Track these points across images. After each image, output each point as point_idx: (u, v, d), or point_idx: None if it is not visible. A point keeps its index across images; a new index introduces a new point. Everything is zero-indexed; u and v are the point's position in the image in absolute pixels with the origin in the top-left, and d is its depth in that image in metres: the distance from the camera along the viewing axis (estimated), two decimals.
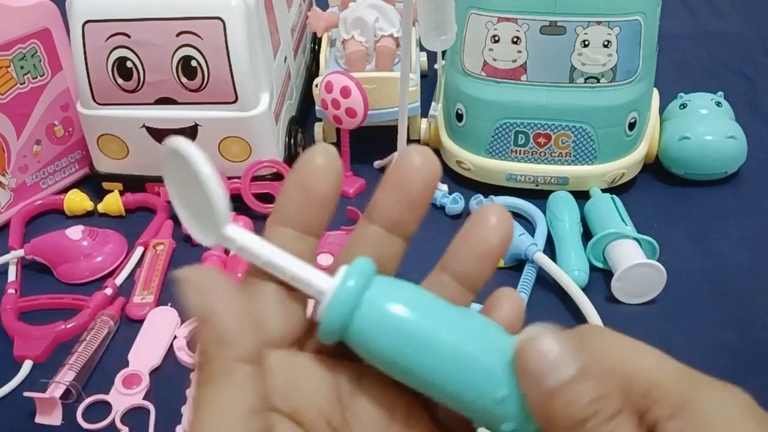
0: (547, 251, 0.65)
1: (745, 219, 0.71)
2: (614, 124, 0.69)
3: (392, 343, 0.22)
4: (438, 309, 0.23)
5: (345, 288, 0.22)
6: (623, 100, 0.68)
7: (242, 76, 0.66)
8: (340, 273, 0.23)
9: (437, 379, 0.22)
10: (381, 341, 0.22)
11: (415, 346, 0.22)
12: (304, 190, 0.24)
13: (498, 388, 0.22)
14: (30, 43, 0.69)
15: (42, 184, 0.75)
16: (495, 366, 0.22)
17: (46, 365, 0.58)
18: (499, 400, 0.22)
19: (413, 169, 0.24)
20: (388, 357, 0.22)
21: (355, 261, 0.23)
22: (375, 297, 0.23)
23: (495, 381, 0.22)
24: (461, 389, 0.22)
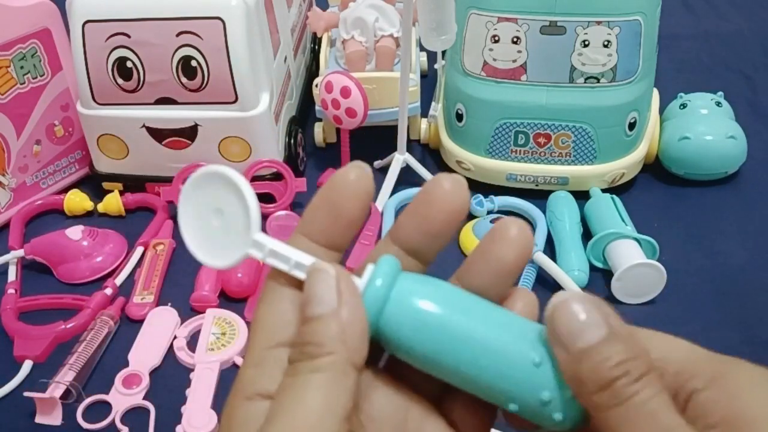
0: (547, 251, 0.65)
1: (745, 219, 0.71)
2: (614, 124, 0.69)
3: (421, 337, 0.23)
4: (464, 300, 0.24)
5: (373, 287, 0.23)
6: (623, 100, 0.68)
7: (242, 76, 0.66)
8: (368, 272, 0.23)
9: (471, 367, 0.23)
10: (411, 336, 0.23)
11: (444, 337, 0.23)
12: (333, 209, 0.24)
13: (533, 354, 0.22)
14: (30, 43, 0.69)
15: (42, 184, 0.75)
16: (527, 342, 0.23)
17: (46, 365, 0.58)
18: (536, 364, 0.22)
19: (438, 200, 0.24)
20: (418, 350, 0.23)
21: (381, 260, 0.24)
22: (401, 294, 0.23)
23: (528, 350, 0.23)
24: (497, 371, 0.23)
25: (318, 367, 0.21)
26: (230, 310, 0.61)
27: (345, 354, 0.22)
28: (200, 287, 0.62)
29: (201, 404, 0.53)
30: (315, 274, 0.23)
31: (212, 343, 0.58)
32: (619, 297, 0.62)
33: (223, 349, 0.58)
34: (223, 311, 0.61)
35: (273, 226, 0.70)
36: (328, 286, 0.22)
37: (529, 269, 0.63)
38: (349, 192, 0.24)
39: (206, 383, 0.55)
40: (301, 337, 0.22)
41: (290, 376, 0.22)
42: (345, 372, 0.22)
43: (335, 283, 0.22)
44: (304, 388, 0.21)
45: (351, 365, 0.22)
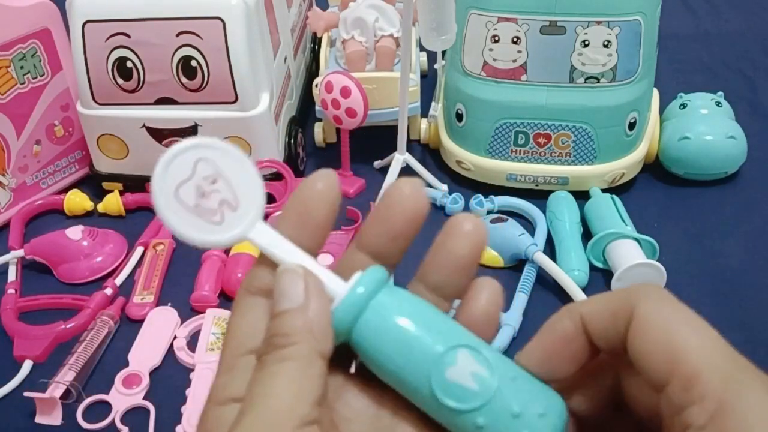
0: (547, 251, 0.65)
1: (745, 219, 0.71)
2: (614, 124, 0.69)
3: (386, 351, 0.23)
4: (436, 324, 0.24)
5: (354, 294, 0.24)
6: (623, 100, 0.68)
7: (242, 76, 0.66)
8: (353, 279, 0.24)
9: (426, 390, 0.23)
10: (377, 348, 0.24)
11: (406, 356, 0.23)
12: (301, 214, 0.25)
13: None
14: (30, 43, 0.69)
15: (42, 184, 0.75)
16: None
17: (46, 365, 0.58)
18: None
19: (398, 204, 0.25)
20: (382, 363, 0.24)
21: (369, 269, 0.24)
22: (380, 304, 0.24)
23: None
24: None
25: (285, 356, 0.22)
26: (230, 310, 0.61)
27: (312, 343, 0.23)
28: (200, 287, 0.62)
29: (201, 404, 0.53)
30: (283, 273, 0.24)
31: (212, 343, 0.58)
32: None
33: None
34: (223, 311, 0.61)
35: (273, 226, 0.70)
36: (296, 283, 0.24)
37: (529, 269, 0.63)
38: (315, 196, 0.25)
39: (206, 383, 0.55)
40: (270, 331, 0.23)
41: (259, 369, 0.23)
42: (312, 360, 0.23)
43: (303, 281, 0.24)
44: (274, 377, 0.22)
45: (318, 354, 0.23)
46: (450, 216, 0.26)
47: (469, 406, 0.23)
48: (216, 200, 0.24)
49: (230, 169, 0.24)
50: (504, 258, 0.65)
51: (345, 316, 0.24)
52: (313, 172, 0.25)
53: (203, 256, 0.65)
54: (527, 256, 0.63)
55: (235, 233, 0.24)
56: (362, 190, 0.75)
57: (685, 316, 0.22)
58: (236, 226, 0.24)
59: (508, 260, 0.65)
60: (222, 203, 0.24)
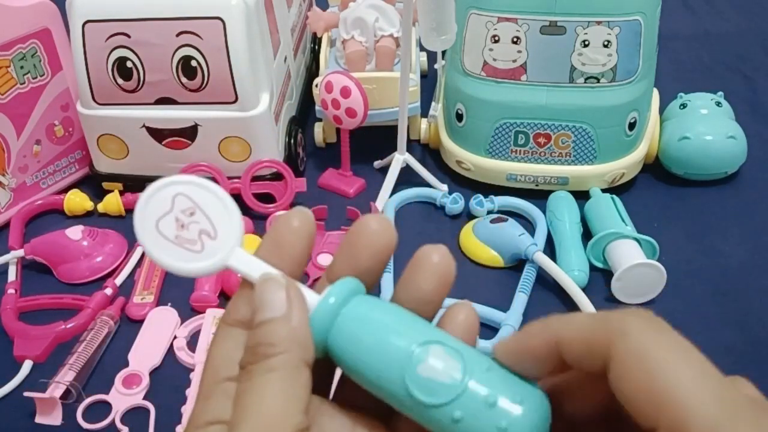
0: (547, 251, 0.65)
1: (745, 219, 0.71)
2: (614, 124, 0.69)
3: (361, 357, 0.24)
4: (409, 328, 0.24)
5: (325, 303, 0.24)
6: (623, 100, 0.68)
7: (242, 76, 0.66)
8: (325, 290, 0.25)
9: (402, 392, 0.24)
10: (352, 355, 0.24)
11: (380, 361, 0.24)
12: (279, 249, 0.25)
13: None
14: (30, 43, 0.69)
15: (42, 184, 0.75)
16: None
17: (46, 365, 0.58)
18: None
19: (366, 239, 0.26)
20: (358, 369, 0.24)
21: (340, 280, 0.25)
22: (351, 311, 0.24)
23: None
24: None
25: (273, 366, 0.23)
26: None
27: (298, 351, 0.23)
28: (200, 287, 0.62)
29: None
30: (265, 283, 0.24)
31: None
32: (619, 297, 0.62)
33: None
34: (223, 311, 0.61)
35: None
36: (278, 293, 0.24)
37: (529, 269, 0.63)
38: (291, 232, 0.26)
39: None
40: (254, 340, 0.24)
41: (246, 380, 0.23)
42: (299, 369, 0.23)
43: (284, 290, 0.24)
44: (263, 387, 0.22)
45: (303, 362, 0.23)
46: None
47: (443, 399, 0.23)
48: (195, 231, 0.25)
49: (206, 201, 0.26)
50: (504, 258, 0.65)
51: (318, 325, 0.24)
52: (313, 171, 0.26)
53: None
54: (527, 256, 0.63)
55: (216, 260, 0.25)
56: (362, 190, 0.75)
57: (669, 347, 0.21)
58: (216, 253, 0.25)
59: (508, 260, 0.65)
60: (201, 233, 0.25)
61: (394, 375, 0.23)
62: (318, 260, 0.66)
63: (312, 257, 0.67)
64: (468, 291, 0.62)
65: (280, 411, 0.22)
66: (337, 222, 0.71)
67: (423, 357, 0.23)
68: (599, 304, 0.60)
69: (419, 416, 0.24)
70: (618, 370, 0.21)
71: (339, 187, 0.75)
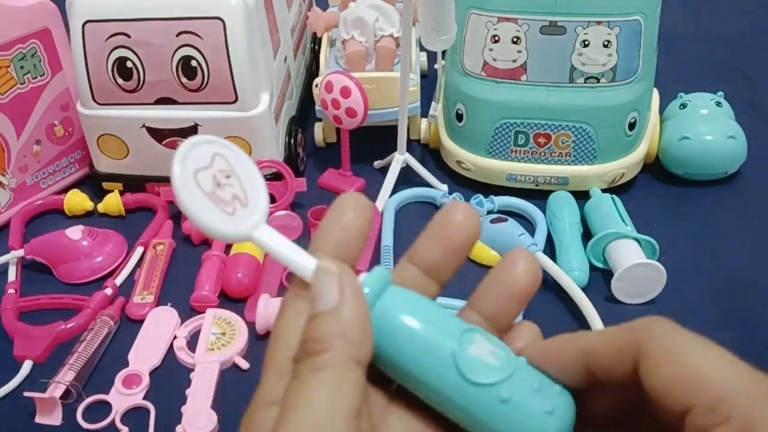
0: (547, 251, 0.65)
1: (745, 219, 0.71)
2: (614, 124, 0.69)
3: (395, 350, 0.24)
4: (442, 322, 0.24)
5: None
6: (623, 100, 0.68)
7: (242, 76, 0.66)
8: (360, 278, 0.24)
9: (436, 385, 0.24)
10: (386, 347, 0.24)
11: (415, 354, 0.24)
12: (341, 226, 0.25)
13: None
14: (30, 43, 0.69)
15: (42, 184, 0.75)
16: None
17: (46, 365, 0.58)
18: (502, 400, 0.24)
19: (456, 222, 0.26)
20: (393, 363, 0.24)
21: (373, 271, 0.25)
22: (384, 305, 0.24)
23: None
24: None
25: (319, 365, 0.22)
26: (230, 310, 0.61)
27: (346, 350, 0.22)
28: (200, 287, 0.62)
29: (201, 404, 0.53)
30: (319, 272, 0.23)
31: (212, 343, 0.58)
32: (619, 297, 0.62)
33: (223, 349, 0.58)
34: (223, 311, 0.61)
35: (273, 226, 0.70)
36: (330, 284, 0.23)
37: None
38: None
39: (206, 383, 0.55)
40: (304, 335, 0.23)
41: (293, 378, 0.22)
42: (347, 368, 0.22)
43: (337, 281, 0.23)
44: (308, 388, 0.21)
45: (353, 361, 0.22)
46: (511, 251, 0.27)
47: (493, 379, 0.23)
48: (229, 193, 0.24)
49: (242, 169, 0.25)
50: None
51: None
52: (313, 171, 0.26)
53: (203, 256, 0.65)
54: None
55: (245, 227, 0.24)
56: (362, 190, 0.75)
57: (697, 342, 0.22)
58: (245, 222, 0.24)
59: None
60: (234, 197, 0.25)
61: (442, 357, 0.23)
62: None
63: None
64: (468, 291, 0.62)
65: (323, 416, 0.21)
66: None
67: (473, 338, 0.24)
68: (599, 304, 0.60)
69: (466, 398, 0.24)
70: (650, 364, 0.22)
71: (339, 187, 0.75)
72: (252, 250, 0.65)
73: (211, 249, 0.66)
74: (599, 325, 0.57)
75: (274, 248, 0.25)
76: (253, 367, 0.57)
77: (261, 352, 0.62)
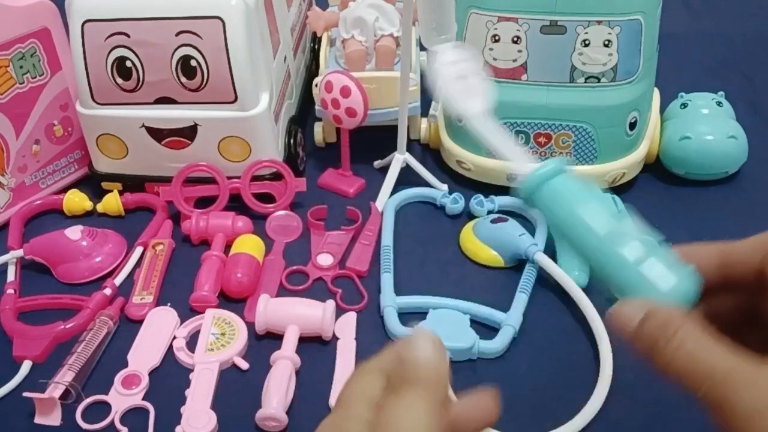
0: (547, 251, 0.65)
1: (746, 219, 0.71)
2: (615, 124, 0.69)
3: (559, 211, 0.33)
4: (597, 203, 0.33)
5: (540, 170, 0.34)
6: (624, 100, 0.68)
7: (242, 76, 0.66)
8: (541, 163, 0.34)
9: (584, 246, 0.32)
10: (554, 207, 0.33)
11: (572, 219, 0.32)
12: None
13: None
14: (29, 42, 0.69)
15: (41, 183, 0.75)
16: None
17: (45, 365, 0.58)
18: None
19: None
20: (556, 219, 0.33)
21: (553, 158, 0.35)
22: (559, 178, 0.34)
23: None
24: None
25: (411, 403, 0.26)
26: (230, 311, 0.61)
27: (434, 387, 0.27)
28: (200, 287, 0.62)
29: (200, 404, 0.53)
30: (416, 332, 0.29)
31: (212, 344, 0.58)
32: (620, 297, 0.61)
33: (222, 349, 0.58)
34: (222, 311, 0.61)
35: (273, 226, 0.70)
36: (426, 340, 0.28)
37: (529, 269, 0.63)
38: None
39: (206, 383, 0.55)
40: (398, 371, 0.27)
41: (390, 403, 0.26)
42: (435, 406, 0.26)
43: (431, 340, 0.28)
44: (400, 413, 0.26)
45: (439, 402, 0.27)
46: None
47: (640, 240, 0.31)
48: (468, 85, 0.38)
49: (475, 72, 0.39)
50: (504, 258, 0.65)
51: (533, 180, 0.34)
52: (313, 171, 0.27)
53: (203, 256, 0.65)
54: (528, 256, 0.63)
55: (478, 110, 0.38)
56: (362, 190, 0.75)
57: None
58: (478, 107, 0.38)
59: (509, 260, 0.65)
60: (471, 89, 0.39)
61: (605, 213, 0.32)
62: (318, 260, 0.66)
63: (312, 257, 0.67)
64: (468, 291, 0.62)
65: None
66: (337, 222, 0.71)
67: (627, 214, 0.30)
68: (600, 304, 0.60)
69: (612, 254, 0.31)
70: None
71: (339, 187, 0.75)
72: (252, 250, 0.65)
73: (210, 249, 0.66)
74: (599, 325, 0.57)
75: (483, 135, 0.37)
76: (253, 367, 0.57)
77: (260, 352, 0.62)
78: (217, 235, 0.67)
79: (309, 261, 0.67)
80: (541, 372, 0.56)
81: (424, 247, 0.68)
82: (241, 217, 0.69)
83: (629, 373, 0.55)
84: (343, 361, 0.57)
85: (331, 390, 0.55)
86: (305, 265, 0.66)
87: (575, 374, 0.56)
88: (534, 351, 0.58)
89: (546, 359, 0.57)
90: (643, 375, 0.56)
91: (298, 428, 0.52)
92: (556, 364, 0.57)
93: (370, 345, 0.58)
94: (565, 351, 0.58)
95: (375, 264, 0.65)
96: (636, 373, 0.54)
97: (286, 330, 0.58)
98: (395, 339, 0.59)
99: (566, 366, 0.57)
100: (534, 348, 0.58)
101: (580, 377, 0.55)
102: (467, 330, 0.58)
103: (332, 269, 0.65)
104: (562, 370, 0.56)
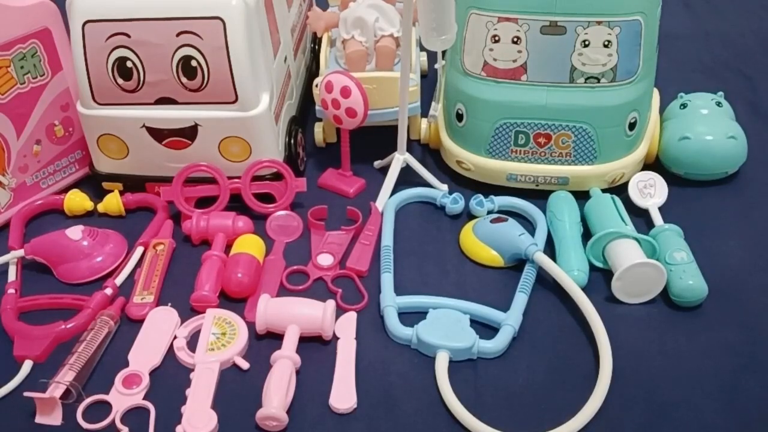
0: (547, 251, 0.65)
1: (745, 219, 0.71)
2: (614, 124, 0.69)
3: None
4: None
5: None
6: (623, 100, 0.68)
7: (242, 76, 0.66)
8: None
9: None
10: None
11: None
12: None
13: None
14: (30, 43, 0.69)
15: (42, 184, 0.75)
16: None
17: (46, 365, 0.58)
18: None
19: None
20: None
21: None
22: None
23: None
24: None
25: None
26: (230, 310, 0.61)
27: None
28: (200, 287, 0.62)
29: (201, 404, 0.53)
30: None
31: (212, 343, 0.58)
32: (620, 297, 0.62)
33: (223, 349, 0.58)
34: (223, 311, 0.61)
35: (273, 226, 0.70)
36: None
37: (529, 269, 0.63)
38: None
39: (206, 383, 0.55)
40: None
41: None
42: None
43: None
44: None
45: None
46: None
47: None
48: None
49: None
50: (504, 258, 0.65)
51: None
52: (313, 171, 0.26)
53: (203, 256, 0.65)
54: (527, 256, 0.63)
55: None
56: (362, 190, 0.75)
57: None
58: None
59: (508, 260, 0.65)
60: None
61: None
62: (318, 260, 0.66)
63: (312, 257, 0.67)
64: (468, 291, 0.62)
65: None
66: (337, 222, 0.71)
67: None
68: (599, 303, 0.60)
69: None
70: None
71: (339, 187, 0.75)
72: (252, 250, 0.65)
73: (211, 249, 0.66)
74: (599, 325, 0.57)
75: None
76: (253, 367, 0.57)
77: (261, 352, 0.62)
78: (217, 235, 0.67)
79: (309, 261, 0.67)
80: (541, 372, 0.57)
81: (424, 247, 0.68)
82: (241, 217, 0.69)
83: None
84: (343, 361, 0.57)
85: (331, 390, 0.55)
86: (305, 265, 0.66)
87: (575, 374, 0.56)
88: (534, 351, 0.58)
89: (546, 359, 0.58)
90: (642, 374, 0.56)
91: (298, 428, 0.53)
92: (555, 363, 0.57)
93: (370, 345, 0.59)
94: (564, 351, 0.58)
95: (375, 264, 0.65)
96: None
97: (286, 330, 0.58)
98: (395, 339, 0.59)
99: (566, 366, 0.57)
100: (534, 348, 0.58)
101: (580, 377, 0.56)
102: (467, 330, 0.58)
103: (332, 269, 0.66)
104: (562, 370, 0.57)
